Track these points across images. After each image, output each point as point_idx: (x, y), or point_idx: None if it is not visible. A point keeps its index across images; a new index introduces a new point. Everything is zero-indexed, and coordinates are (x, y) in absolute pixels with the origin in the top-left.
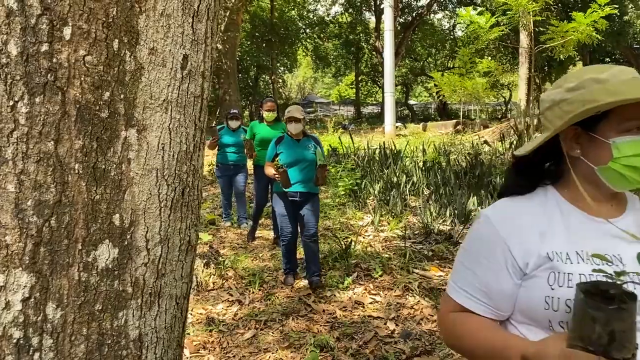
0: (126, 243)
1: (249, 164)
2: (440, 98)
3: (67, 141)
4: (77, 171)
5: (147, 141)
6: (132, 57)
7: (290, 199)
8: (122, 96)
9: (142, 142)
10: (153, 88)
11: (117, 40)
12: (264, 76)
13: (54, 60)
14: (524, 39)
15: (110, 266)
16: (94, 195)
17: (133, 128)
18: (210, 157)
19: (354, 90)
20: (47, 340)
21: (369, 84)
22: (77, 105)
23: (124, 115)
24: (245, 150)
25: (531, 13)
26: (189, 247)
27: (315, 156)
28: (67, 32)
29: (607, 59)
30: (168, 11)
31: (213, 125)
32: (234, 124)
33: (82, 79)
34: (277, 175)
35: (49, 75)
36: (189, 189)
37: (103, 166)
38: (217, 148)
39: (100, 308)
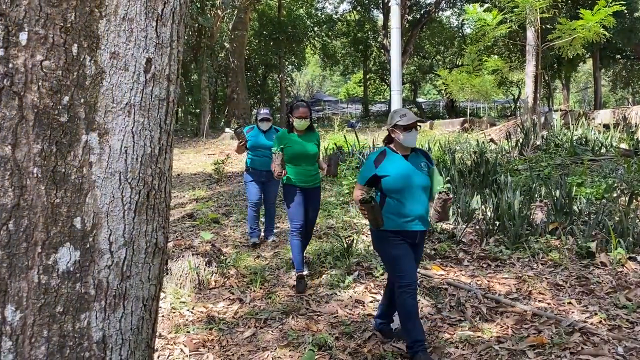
0: (88, 246)
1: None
2: (448, 96)
3: (25, 145)
4: (35, 175)
5: (109, 145)
6: (93, 61)
7: (405, 239)
8: (82, 100)
9: (104, 145)
10: (115, 92)
11: (76, 45)
12: (272, 74)
13: (10, 65)
14: (531, 36)
15: (71, 269)
16: (53, 199)
17: (94, 132)
18: (216, 155)
19: (362, 88)
20: (6, 342)
21: (377, 81)
22: (35, 110)
23: (84, 119)
24: (273, 167)
25: (538, 10)
26: (156, 249)
27: (430, 180)
28: (23, 37)
29: (618, 56)
30: (130, 15)
31: (237, 127)
32: (264, 125)
33: (39, 83)
34: (363, 211)
35: (5, 80)
36: (154, 192)
37: (63, 170)
38: (246, 151)
39: (61, 310)
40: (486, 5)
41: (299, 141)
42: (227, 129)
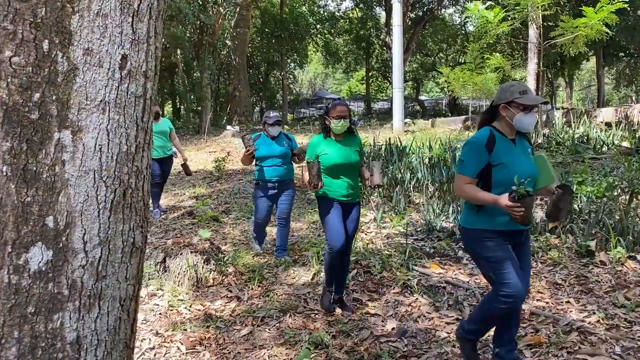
0: (61, 245)
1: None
2: (450, 94)
3: None
4: (5, 173)
5: (83, 142)
6: (65, 57)
7: (509, 239)
8: (54, 97)
9: (78, 143)
10: (89, 89)
11: (47, 41)
12: (274, 72)
13: None
14: (532, 34)
15: (43, 268)
16: (24, 197)
17: (67, 129)
18: (217, 153)
19: (365, 85)
20: None
21: (379, 79)
22: (4, 107)
23: (56, 116)
24: (307, 177)
25: (540, 7)
26: (134, 248)
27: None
28: None
29: (621, 54)
30: (104, 11)
31: (246, 134)
32: (275, 131)
33: (8, 80)
34: (518, 209)
35: None
36: (131, 191)
37: (34, 168)
38: (254, 162)
39: (32, 311)
40: (488, 3)
41: (339, 147)
42: (228, 127)
